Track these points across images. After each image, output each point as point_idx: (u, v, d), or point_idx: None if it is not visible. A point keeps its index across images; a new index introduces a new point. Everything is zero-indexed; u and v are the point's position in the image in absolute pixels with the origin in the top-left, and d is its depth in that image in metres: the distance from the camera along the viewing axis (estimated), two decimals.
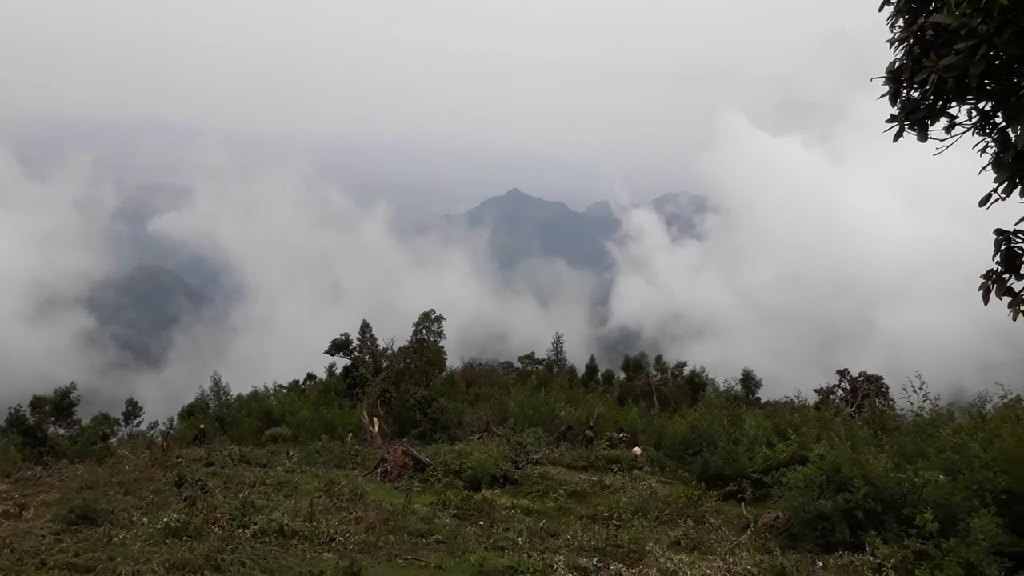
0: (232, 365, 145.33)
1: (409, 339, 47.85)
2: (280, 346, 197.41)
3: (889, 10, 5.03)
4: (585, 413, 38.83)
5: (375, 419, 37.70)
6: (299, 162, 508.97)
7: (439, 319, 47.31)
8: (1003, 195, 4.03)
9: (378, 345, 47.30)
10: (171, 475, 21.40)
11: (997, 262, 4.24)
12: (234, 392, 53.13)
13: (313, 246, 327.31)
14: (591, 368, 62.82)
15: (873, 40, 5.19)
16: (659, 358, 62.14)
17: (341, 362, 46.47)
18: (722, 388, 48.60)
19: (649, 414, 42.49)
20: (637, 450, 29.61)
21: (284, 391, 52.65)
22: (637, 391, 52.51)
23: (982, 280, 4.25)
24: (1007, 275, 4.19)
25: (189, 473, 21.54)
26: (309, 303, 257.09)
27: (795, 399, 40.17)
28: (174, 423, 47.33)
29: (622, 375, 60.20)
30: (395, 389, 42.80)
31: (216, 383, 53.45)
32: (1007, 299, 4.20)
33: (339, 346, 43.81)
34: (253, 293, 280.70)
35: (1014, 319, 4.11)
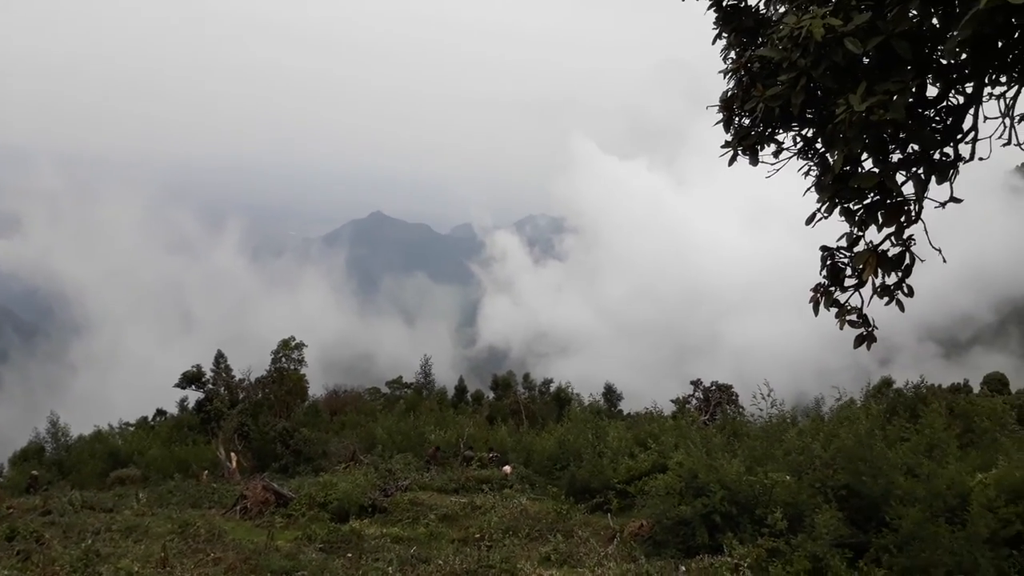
0: (71, 404, 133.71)
1: (268, 368, 46.03)
2: (125, 382, 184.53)
3: (722, 43, 5.41)
4: (455, 435, 38.67)
5: (232, 454, 35.88)
6: (144, 183, 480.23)
7: (299, 346, 45.84)
8: (825, 214, 4.41)
9: (234, 376, 45.21)
10: (1, 528, 19.42)
11: (824, 276, 4.62)
12: (74, 433, 48.85)
13: (160, 273, 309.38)
14: (460, 389, 62.75)
15: (710, 70, 5.53)
16: (527, 376, 63.10)
17: (194, 395, 44.03)
18: (586, 402, 49.94)
19: (518, 432, 42.89)
20: (507, 468, 29.79)
21: (131, 429, 49.04)
22: (506, 409, 52.93)
23: (812, 293, 4.61)
24: (833, 288, 4.57)
25: (22, 525, 19.63)
26: (157, 334, 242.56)
27: (653, 410, 41.82)
28: (3, 470, 43.04)
29: (491, 394, 60.56)
30: (254, 421, 40.98)
31: (53, 424, 48.94)
32: (835, 310, 4.57)
33: (191, 379, 41.54)
34: (94, 326, 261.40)
35: (841, 328, 4.48)
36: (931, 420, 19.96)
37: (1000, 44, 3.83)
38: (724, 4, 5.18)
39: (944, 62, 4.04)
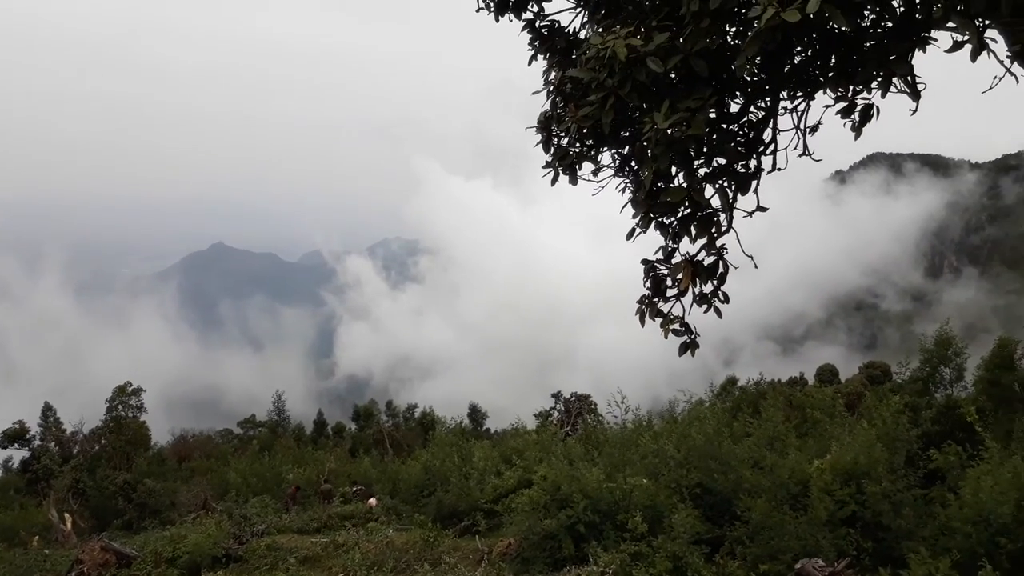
0: None
1: (104, 418, 42.49)
2: None
3: (542, 64, 5.48)
4: (316, 472, 37.28)
5: (67, 515, 32.77)
6: None
7: (137, 391, 42.62)
8: (642, 229, 4.53)
9: (65, 429, 41.46)
10: None
11: (647, 288, 4.75)
12: None
13: None
14: (320, 423, 60.74)
15: (538, 90, 5.59)
16: (389, 403, 62.05)
17: (19, 454, 39.94)
18: (451, 424, 49.65)
19: (383, 462, 42.00)
20: (373, 501, 28.99)
21: None
22: (370, 440, 51.80)
23: (638, 305, 4.72)
24: (656, 299, 4.70)
25: None
26: None
27: (518, 425, 42.17)
28: None
29: (353, 426, 59.06)
30: (90, 477, 37.71)
31: None
32: (659, 320, 4.70)
33: (13, 436, 37.74)
34: None
35: (665, 337, 4.61)
36: (771, 414, 21.33)
37: (787, 62, 4.08)
38: (538, 26, 5.25)
39: (742, 79, 4.27)
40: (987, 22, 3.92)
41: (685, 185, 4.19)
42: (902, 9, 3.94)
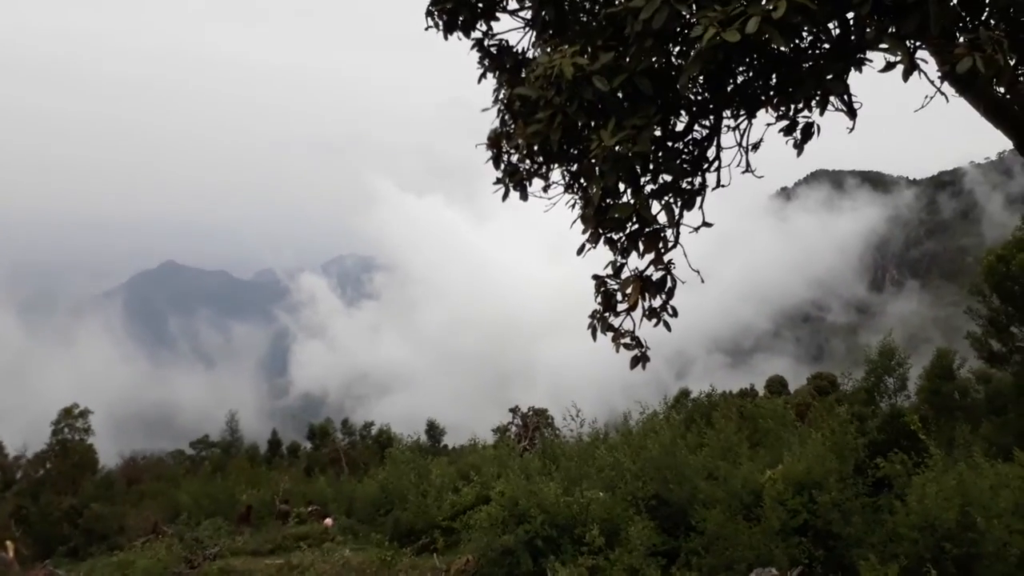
0: None
1: (48, 441, 41.11)
2: None
3: (493, 82, 5.54)
4: (270, 492, 36.54)
5: (9, 543, 31.50)
6: None
7: (84, 413, 41.39)
8: (592, 245, 4.60)
9: (7, 454, 39.99)
10: None
11: (598, 303, 4.80)
12: None
13: None
14: (274, 443, 59.56)
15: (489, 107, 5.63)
16: (345, 421, 61.13)
17: None
18: (408, 441, 49.15)
19: (339, 481, 41.38)
20: (328, 521, 28.54)
21: None
22: (325, 459, 51.00)
23: (590, 320, 4.77)
24: (607, 314, 4.76)
25: None
26: None
27: (476, 441, 41.97)
28: None
29: (308, 445, 58.06)
30: (33, 503, 36.42)
31: None
32: (611, 334, 4.76)
33: None
34: None
35: (617, 351, 4.67)
36: (723, 425, 21.63)
37: (730, 81, 4.20)
38: (487, 45, 5.32)
39: (686, 98, 4.38)
40: (918, 43, 4.09)
41: (632, 201, 4.26)
42: (838, 31, 4.09)
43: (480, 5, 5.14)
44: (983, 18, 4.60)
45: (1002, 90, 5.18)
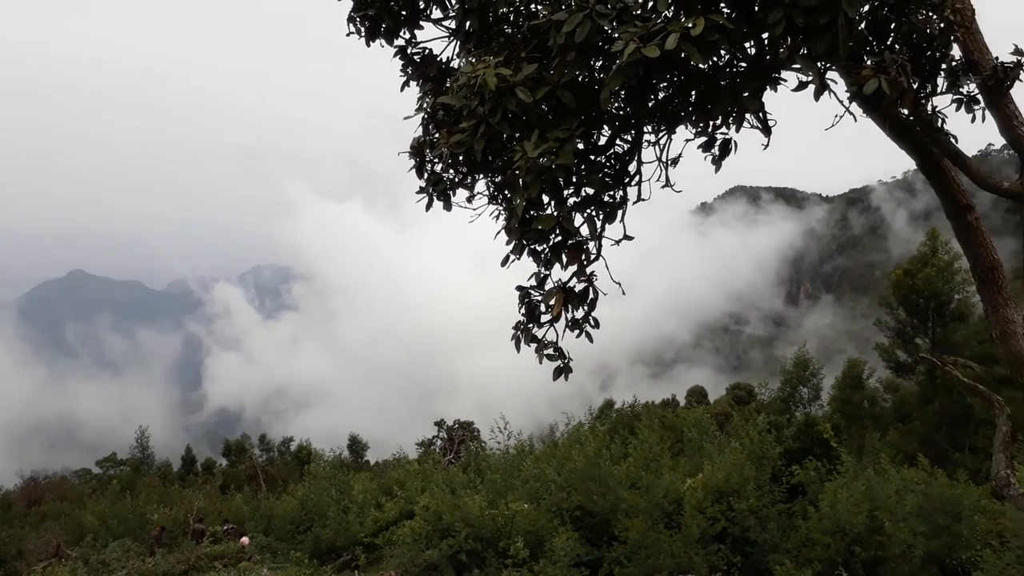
0: None
1: None
2: None
3: (416, 91, 5.49)
4: (184, 511, 35.15)
5: None
6: None
7: None
8: (516, 256, 4.60)
9: None
10: None
11: (522, 314, 4.80)
12: None
13: None
14: (188, 460, 57.47)
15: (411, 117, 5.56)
16: (263, 437, 59.61)
17: None
18: (329, 457, 48.16)
19: (256, 498, 40.15)
20: (245, 540, 27.58)
21: None
22: (242, 476, 49.47)
23: (513, 331, 4.76)
24: (531, 325, 4.76)
25: None
26: None
27: (400, 456, 41.47)
28: None
29: (224, 462, 56.23)
30: None
31: None
32: (534, 345, 4.75)
33: None
34: None
35: (540, 362, 4.66)
36: (646, 435, 21.98)
37: (650, 96, 4.27)
38: (410, 53, 5.27)
39: (608, 112, 4.43)
40: (828, 65, 4.25)
41: (556, 213, 4.29)
42: (753, 50, 4.21)
43: (403, 13, 5.10)
44: (888, 42, 4.83)
45: (906, 111, 5.44)
